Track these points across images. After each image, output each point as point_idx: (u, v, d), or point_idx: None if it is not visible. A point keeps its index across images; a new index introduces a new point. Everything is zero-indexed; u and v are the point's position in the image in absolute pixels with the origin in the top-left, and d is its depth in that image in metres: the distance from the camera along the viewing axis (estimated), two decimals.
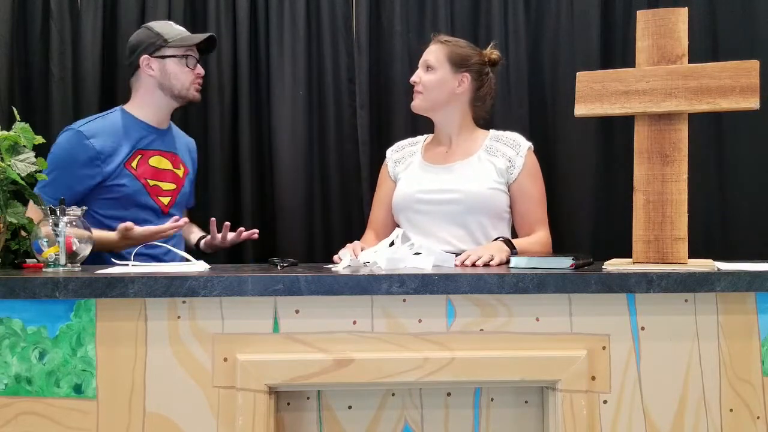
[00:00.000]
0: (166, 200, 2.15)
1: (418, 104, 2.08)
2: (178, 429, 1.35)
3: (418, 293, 1.34)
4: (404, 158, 2.16)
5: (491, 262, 1.67)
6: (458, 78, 2.07)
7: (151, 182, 2.13)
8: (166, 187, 2.16)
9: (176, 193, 2.19)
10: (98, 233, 1.95)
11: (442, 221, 1.99)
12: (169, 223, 1.96)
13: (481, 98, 2.11)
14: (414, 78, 2.07)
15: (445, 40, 2.09)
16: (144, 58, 2.16)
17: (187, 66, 2.16)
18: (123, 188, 2.09)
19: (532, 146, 2.07)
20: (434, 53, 2.06)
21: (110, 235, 1.98)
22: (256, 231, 2.08)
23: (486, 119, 2.17)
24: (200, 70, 2.18)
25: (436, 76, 2.05)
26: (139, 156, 2.13)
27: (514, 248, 1.81)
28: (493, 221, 2.01)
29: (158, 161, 2.16)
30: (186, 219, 2.06)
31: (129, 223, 1.93)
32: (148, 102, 2.19)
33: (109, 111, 2.20)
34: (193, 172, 2.31)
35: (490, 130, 2.13)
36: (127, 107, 2.20)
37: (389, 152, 2.21)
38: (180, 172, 2.22)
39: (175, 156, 2.22)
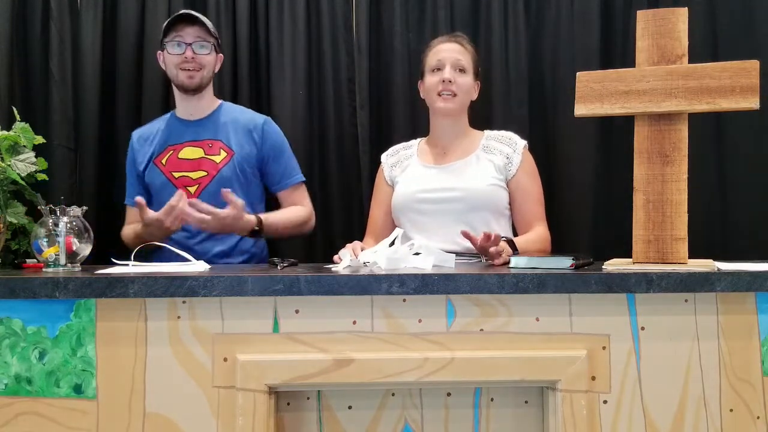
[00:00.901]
0: (192, 189, 2.14)
1: (452, 107, 2.04)
2: (178, 429, 1.35)
3: (418, 293, 1.34)
4: (400, 162, 2.16)
5: (495, 261, 1.68)
6: (475, 86, 2.11)
7: (177, 174, 2.15)
8: (195, 176, 2.15)
9: (208, 180, 2.14)
10: (136, 229, 2.09)
11: (445, 220, 1.99)
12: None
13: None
14: (448, 76, 2.01)
15: (466, 44, 2.09)
16: (158, 54, 2.24)
17: (169, 51, 2.14)
18: (153, 184, 2.18)
19: (527, 144, 2.08)
20: (464, 56, 2.06)
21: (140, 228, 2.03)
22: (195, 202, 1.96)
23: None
24: (188, 53, 2.12)
25: (468, 80, 2.06)
26: (171, 152, 2.18)
27: (517, 250, 1.81)
28: (496, 217, 2.01)
29: (189, 152, 2.17)
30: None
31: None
32: (176, 97, 2.24)
33: (166, 114, 2.30)
34: (253, 153, 2.20)
35: (485, 131, 2.13)
36: (176, 108, 2.27)
37: (384, 157, 2.21)
38: (218, 158, 2.17)
39: (212, 142, 2.18)
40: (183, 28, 2.13)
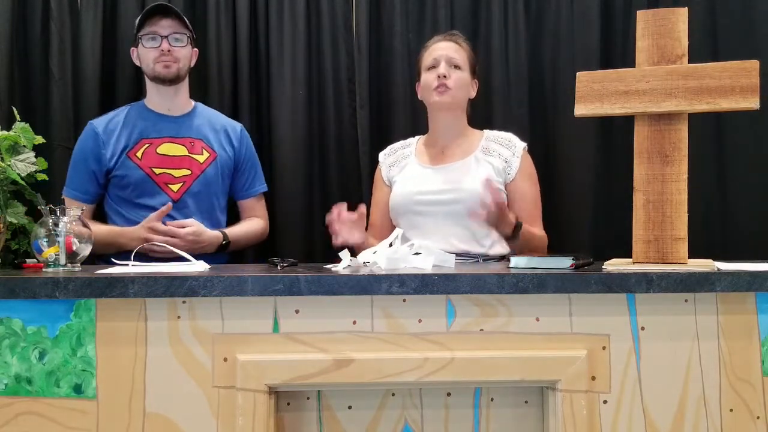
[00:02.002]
0: (176, 187, 2.12)
1: (447, 100, 2.04)
2: (178, 429, 1.35)
3: (418, 293, 1.34)
4: (398, 161, 2.16)
5: (488, 219, 1.73)
6: (473, 83, 2.11)
7: (158, 170, 2.12)
8: (178, 174, 2.14)
9: (191, 179, 2.14)
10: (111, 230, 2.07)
11: (443, 221, 1.99)
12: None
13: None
14: (443, 71, 2.01)
15: (462, 42, 2.10)
16: (131, 51, 2.23)
17: (145, 45, 2.13)
18: (126, 179, 2.12)
19: (527, 146, 2.08)
20: (459, 53, 2.06)
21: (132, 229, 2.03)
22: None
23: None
24: (164, 45, 2.11)
25: (464, 75, 2.06)
26: (146, 145, 2.14)
27: (518, 234, 1.85)
28: None
29: (169, 148, 2.15)
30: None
31: (170, 204, 1.99)
32: (149, 91, 2.22)
33: (130, 105, 2.26)
34: (231, 157, 2.23)
35: (485, 131, 2.13)
36: (145, 100, 2.24)
37: (382, 156, 2.21)
38: (201, 158, 2.16)
39: (194, 141, 2.18)
40: (157, 21, 2.13)
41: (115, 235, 2.04)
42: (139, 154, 2.13)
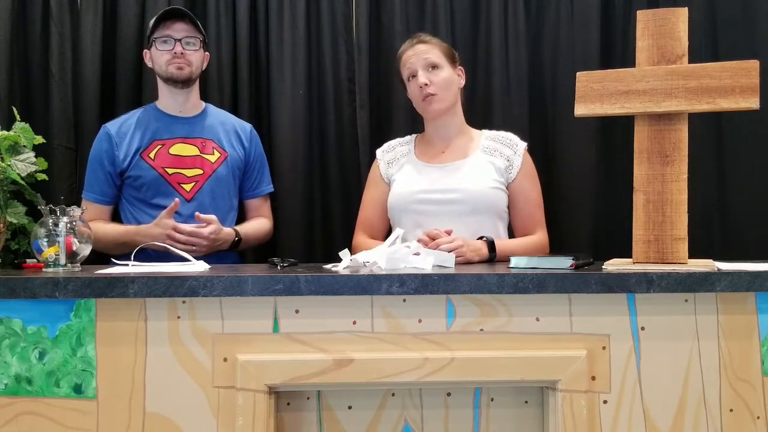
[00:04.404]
0: (188, 187, 2.14)
1: (437, 107, 2.02)
2: (178, 429, 1.35)
3: (418, 293, 1.34)
4: (396, 159, 2.14)
5: (458, 257, 1.70)
6: (457, 72, 2.09)
7: (170, 170, 2.13)
8: (190, 173, 2.15)
9: (204, 178, 2.15)
10: (129, 229, 2.08)
11: (444, 221, 1.98)
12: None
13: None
14: (423, 80, 1.99)
15: (429, 39, 2.08)
16: (144, 53, 2.25)
17: (158, 48, 2.14)
18: (140, 179, 2.14)
19: (527, 145, 2.08)
20: (432, 51, 2.03)
21: (146, 227, 2.04)
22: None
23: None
24: (177, 48, 2.12)
25: (445, 73, 2.03)
26: (159, 146, 2.16)
27: (494, 252, 1.85)
28: (494, 220, 2.01)
29: (181, 149, 2.16)
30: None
31: (178, 200, 2.00)
32: (161, 93, 2.24)
33: (143, 107, 2.28)
34: (242, 156, 2.25)
35: (483, 130, 2.13)
36: (157, 102, 2.26)
37: (380, 153, 2.20)
38: (212, 158, 2.18)
39: (205, 141, 2.19)
40: (171, 24, 2.14)
41: (132, 234, 2.05)
42: (152, 155, 2.15)
